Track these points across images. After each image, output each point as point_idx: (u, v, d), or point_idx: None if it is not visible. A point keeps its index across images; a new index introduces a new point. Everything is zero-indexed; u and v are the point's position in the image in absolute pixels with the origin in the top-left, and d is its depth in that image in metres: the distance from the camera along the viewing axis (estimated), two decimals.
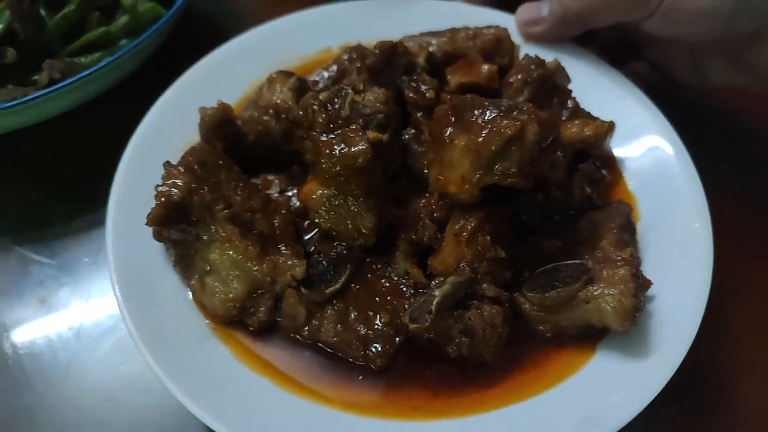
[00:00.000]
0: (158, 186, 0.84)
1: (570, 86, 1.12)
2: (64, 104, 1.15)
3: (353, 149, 0.84)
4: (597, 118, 1.00)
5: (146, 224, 0.81)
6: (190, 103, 1.03)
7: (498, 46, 1.12)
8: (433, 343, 0.85)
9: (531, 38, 1.18)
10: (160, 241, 0.89)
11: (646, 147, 1.07)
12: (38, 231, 1.13)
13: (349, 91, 0.91)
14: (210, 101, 1.00)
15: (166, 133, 1.03)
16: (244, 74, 1.16)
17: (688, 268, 0.91)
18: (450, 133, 0.86)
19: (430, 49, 1.12)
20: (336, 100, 0.90)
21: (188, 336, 0.87)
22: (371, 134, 0.87)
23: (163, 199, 0.82)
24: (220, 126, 0.99)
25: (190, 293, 0.90)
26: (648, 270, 0.93)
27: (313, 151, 0.89)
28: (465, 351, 0.83)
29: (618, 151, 1.08)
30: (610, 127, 1.02)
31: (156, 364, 0.81)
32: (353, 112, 0.90)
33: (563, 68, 1.08)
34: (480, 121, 0.83)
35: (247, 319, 0.88)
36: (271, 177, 1.01)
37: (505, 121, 0.79)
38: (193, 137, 1.02)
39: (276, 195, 1.00)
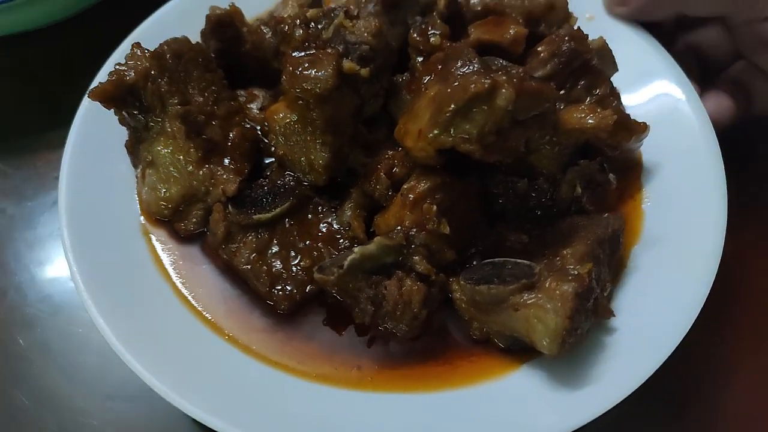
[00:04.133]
0: (117, 64, 0.81)
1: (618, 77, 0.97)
2: (47, 11, 1.13)
3: (315, 73, 0.76)
4: (621, 116, 0.84)
5: (88, 95, 0.79)
6: (201, 12, 0.95)
7: (548, 13, 0.98)
8: (342, 302, 0.77)
9: (617, 15, 1.04)
10: (122, 125, 0.87)
11: (684, 170, 0.90)
12: (11, 141, 1.12)
13: (340, 14, 0.82)
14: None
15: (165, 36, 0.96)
16: None
17: (667, 308, 0.76)
18: (427, 81, 0.76)
19: (473, 1, 1.00)
20: (323, 21, 0.83)
21: (116, 229, 0.84)
22: (347, 64, 0.79)
23: (114, 77, 0.80)
24: (219, 25, 0.94)
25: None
26: (624, 296, 0.79)
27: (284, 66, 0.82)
28: (368, 320, 0.75)
29: (651, 163, 0.93)
30: (640, 129, 0.86)
31: (68, 239, 0.80)
32: (336, 37, 0.81)
33: (609, 51, 0.92)
34: (457, 74, 0.72)
35: (177, 224, 0.85)
36: (257, 91, 0.96)
37: (475, 77, 0.68)
38: None
39: (256, 111, 0.94)
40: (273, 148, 0.86)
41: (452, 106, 0.68)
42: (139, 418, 0.84)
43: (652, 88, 0.98)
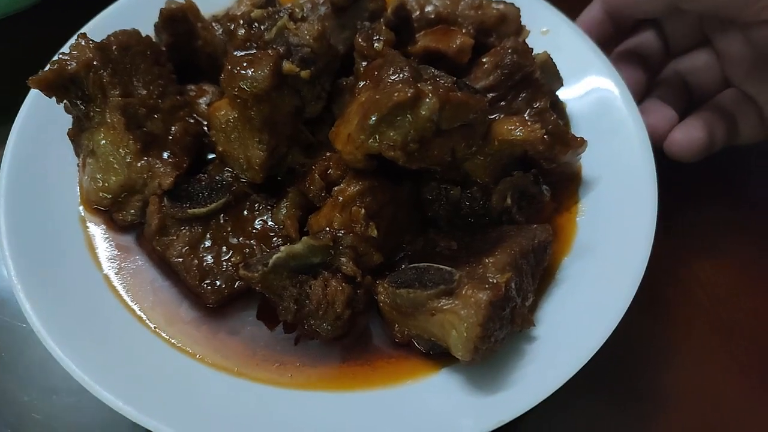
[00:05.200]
0: (60, 53, 0.82)
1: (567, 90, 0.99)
2: None
3: (251, 72, 0.78)
4: (558, 130, 0.86)
5: (28, 83, 0.80)
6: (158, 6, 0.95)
7: (500, 25, 0.99)
8: (268, 299, 0.78)
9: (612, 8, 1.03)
10: (67, 113, 0.88)
11: (620, 186, 0.91)
12: None
13: (284, 16, 0.83)
14: None
15: (125, 24, 0.96)
16: None
17: (587, 320, 0.78)
18: (361, 86, 0.78)
19: (428, 8, 1.02)
20: (267, 22, 0.84)
21: (55, 217, 0.85)
22: (287, 65, 0.80)
23: (56, 66, 0.80)
24: (171, 20, 0.95)
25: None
26: (548, 306, 0.82)
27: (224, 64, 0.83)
28: (290, 318, 0.76)
29: (590, 177, 0.94)
30: (576, 143, 0.88)
31: (4, 225, 0.81)
32: (279, 38, 0.82)
33: (553, 66, 0.94)
34: (387, 81, 0.73)
35: (115, 214, 0.86)
36: (206, 87, 0.97)
37: (400, 85, 0.69)
38: None
39: (204, 107, 0.95)
40: (214, 143, 0.87)
41: (376, 113, 0.70)
42: (83, 412, 0.84)
43: (598, 104, 0.99)
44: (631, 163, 0.93)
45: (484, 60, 0.91)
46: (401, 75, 0.72)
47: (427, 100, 0.69)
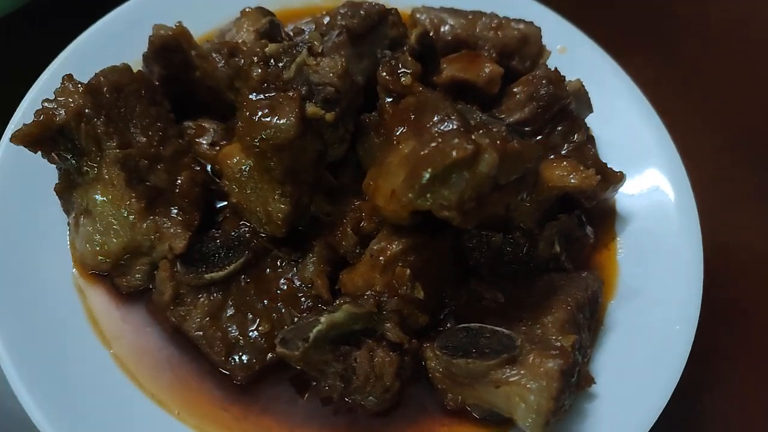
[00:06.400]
0: (45, 101, 0.71)
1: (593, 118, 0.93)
2: None
3: (276, 120, 0.68)
4: (598, 166, 0.81)
5: (10, 140, 0.68)
6: (146, 23, 0.85)
7: (522, 47, 0.93)
8: (307, 374, 0.70)
9: None
10: (52, 163, 0.77)
11: (657, 214, 0.88)
12: None
13: (303, 50, 0.74)
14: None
15: (106, 51, 0.87)
16: (228, 4, 0.99)
17: (648, 370, 0.74)
18: (400, 133, 0.70)
19: (443, 29, 0.94)
20: (284, 58, 0.74)
21: (46, 285, 0.74)
22: (310, 108, 0.71)
23: (42, 117, 0.69)
24: (164, 50, 0.84)
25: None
26: (602, 357, 0.76)
27: (240, 109, 0.74)
28: (336, 396, 0.68)
29: (624, 210, 0.90)
30: (616, 179, 0.83)
31: None
32: (299, 77, 0.73)
33: (586, 93, 0.88)
34: (434, 131, 0.66)
35: (118, 279, 0.76)
36: (207, 124, 0.87)
37: (456, 140, 0.62)
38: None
39: (206, 147, 0.85)
40: (226, 193, 0.77)
41: (430, 170, 0.62)
42: None
43: (624, 128, 0.95)
44: (666, 190, 0.89)
45: (515, 90, 0.85)
46: (451, 125, 0.65)
47: (486, 155, 0.61)
